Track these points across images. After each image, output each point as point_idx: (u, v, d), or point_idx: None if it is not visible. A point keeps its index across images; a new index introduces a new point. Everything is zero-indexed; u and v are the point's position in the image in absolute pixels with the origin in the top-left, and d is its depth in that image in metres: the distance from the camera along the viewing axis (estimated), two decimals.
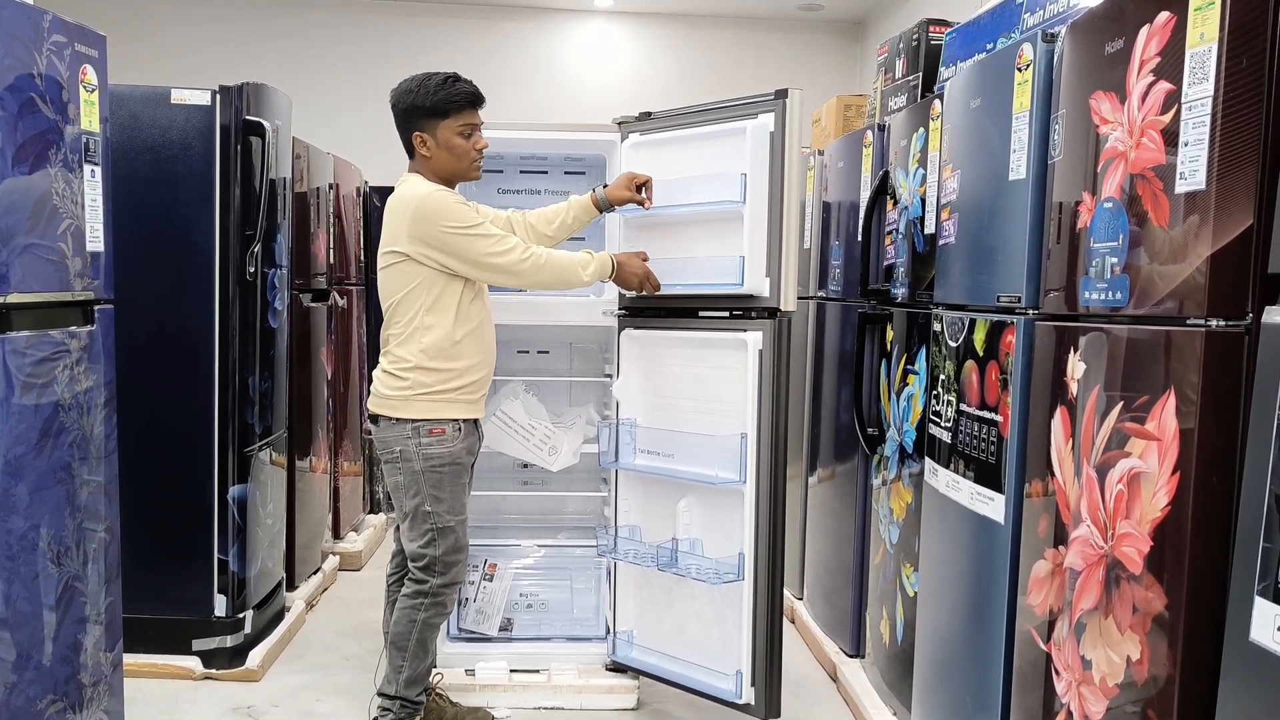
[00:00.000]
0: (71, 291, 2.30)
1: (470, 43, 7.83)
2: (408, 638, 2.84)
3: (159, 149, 3.31)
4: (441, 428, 2.79)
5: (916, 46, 3.43)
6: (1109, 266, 1.84)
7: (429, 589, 2.83)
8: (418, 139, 2.80)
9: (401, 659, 2.86)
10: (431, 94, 2.75)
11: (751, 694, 2.95)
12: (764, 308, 2.92)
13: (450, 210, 2.73)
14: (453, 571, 2.85)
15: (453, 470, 2.82)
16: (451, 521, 2.82)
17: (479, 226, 2.75)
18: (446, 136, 2.78)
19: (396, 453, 2.80)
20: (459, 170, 2.84)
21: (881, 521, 3.23)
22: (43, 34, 2.15)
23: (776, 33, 8.00)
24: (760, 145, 2.89)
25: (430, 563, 2.82)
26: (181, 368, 3.37)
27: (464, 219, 2.73)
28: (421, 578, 2.84)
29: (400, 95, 2.80)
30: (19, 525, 2.11)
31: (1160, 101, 1.70)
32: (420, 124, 2.78)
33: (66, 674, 2.30)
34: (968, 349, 2.44)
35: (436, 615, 2.86)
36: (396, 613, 2.88)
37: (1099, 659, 1.82)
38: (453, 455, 2.82)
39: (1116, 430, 1.78)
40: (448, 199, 2.75)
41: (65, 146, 2.24)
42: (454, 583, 2.87)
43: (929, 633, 2.72)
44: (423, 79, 2.78)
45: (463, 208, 2.77)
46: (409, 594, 2.86)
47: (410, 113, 2.79)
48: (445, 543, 2.81)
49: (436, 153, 2.80)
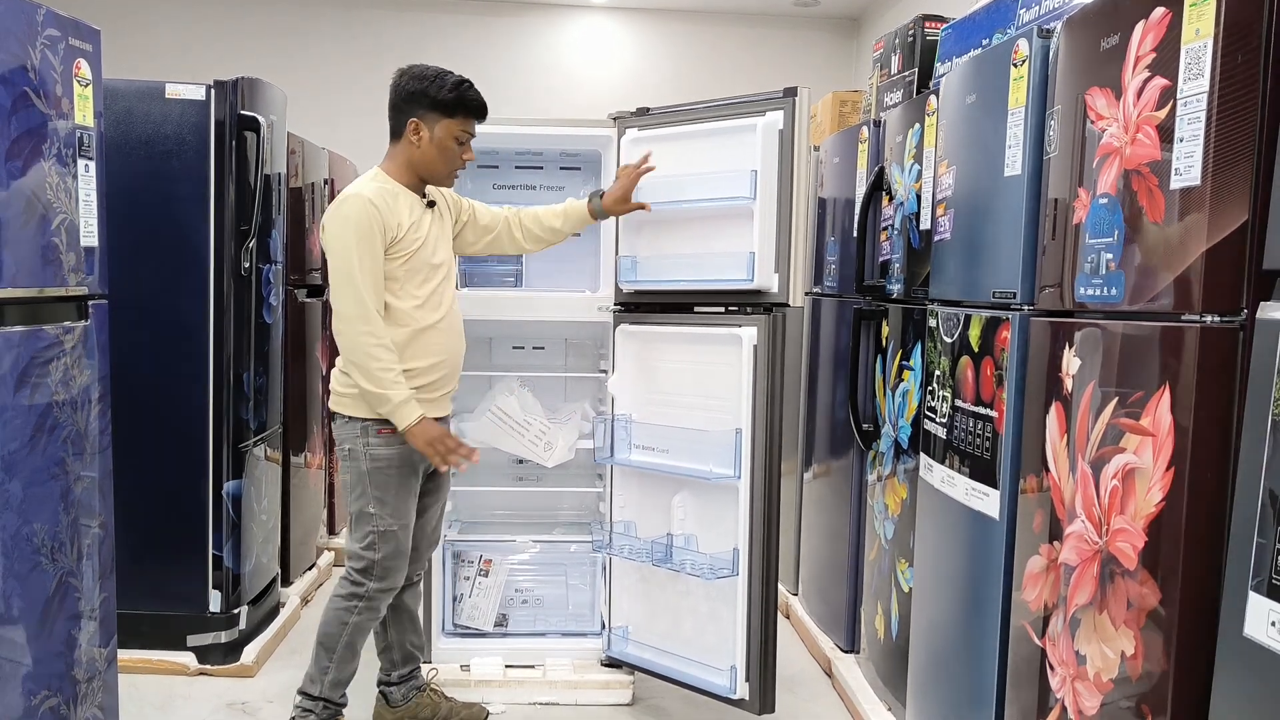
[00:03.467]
0: (65, 287, 2.29)
1: (466, 38, 7.81)
2: (337, 639, 2.76)
3: (153, 144, 3.30)
4: (390, 428, 2.70)
5: (912, 42, 3.43)
6: (1104, 262, 1.84)
7: (365, 592, 2.74)
8: (413, 125, 2.71)
9: (328, 660, 2.77)
10: (447, 89, 2.71)
11: (746, 689, 2.95)
12: (767, 303, 2.93)
13: (350, 231, 2.60)
14: (391, 577, 2.76)
15: (401, 473, 2.74)
16: (394, 526, 2.74)
17: (357, 269, 2.60)
18: (443, 135, 2.74)
19: (347, 451, 2.75)
20: (439, 172, 2.78)
21: (876, 517, 3.23)
22: (37, 28, 2.15)
23: (772, 28, 8.00)
24: (770, 142, 2.90)
25: (369, 566, 2.73)
26: (176, 363, 3.36)
27: (351, 252, 2.60)
28: (358, 580, 2.75)
29: (412, 79, 2.72)
30: (13, 521, 2.11)
31: (1155, 97, 1.70)
32: (422, 113, 2.71)
33: (61, 670, 2.30)
34: (963, 345, 2.44)
35: (369, 619, 2.79)
36: (327, 613, 2.78)
37: (1093, 654, 1.82)
38: (401, 457, 2.73)
39: (1111, 426, 1.79)
40: (365, 217, 2.61)
41: (59, 141, 2.23)
42: (391, 588, 2.78)
43: (924, 628, 2.72)
44: (440, 73, 2.73)
45: (368, 240, 2.61)
46: (343, 595, 2.76)
47: (417, 98, 2.71)
48: (386, 548, 2.73)
49: (427, 147, 2.73)
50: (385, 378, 2.62)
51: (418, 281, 2.73)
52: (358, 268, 2.61)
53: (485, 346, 3.61)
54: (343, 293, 2.63)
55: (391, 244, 2.67)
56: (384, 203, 2.65)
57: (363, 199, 2.64)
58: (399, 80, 2.74)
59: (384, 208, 2.64)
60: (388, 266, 2.67)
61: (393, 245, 2.67)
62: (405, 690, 3.02)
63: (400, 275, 2.70)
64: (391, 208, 2.67)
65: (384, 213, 2.64)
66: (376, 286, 2.64)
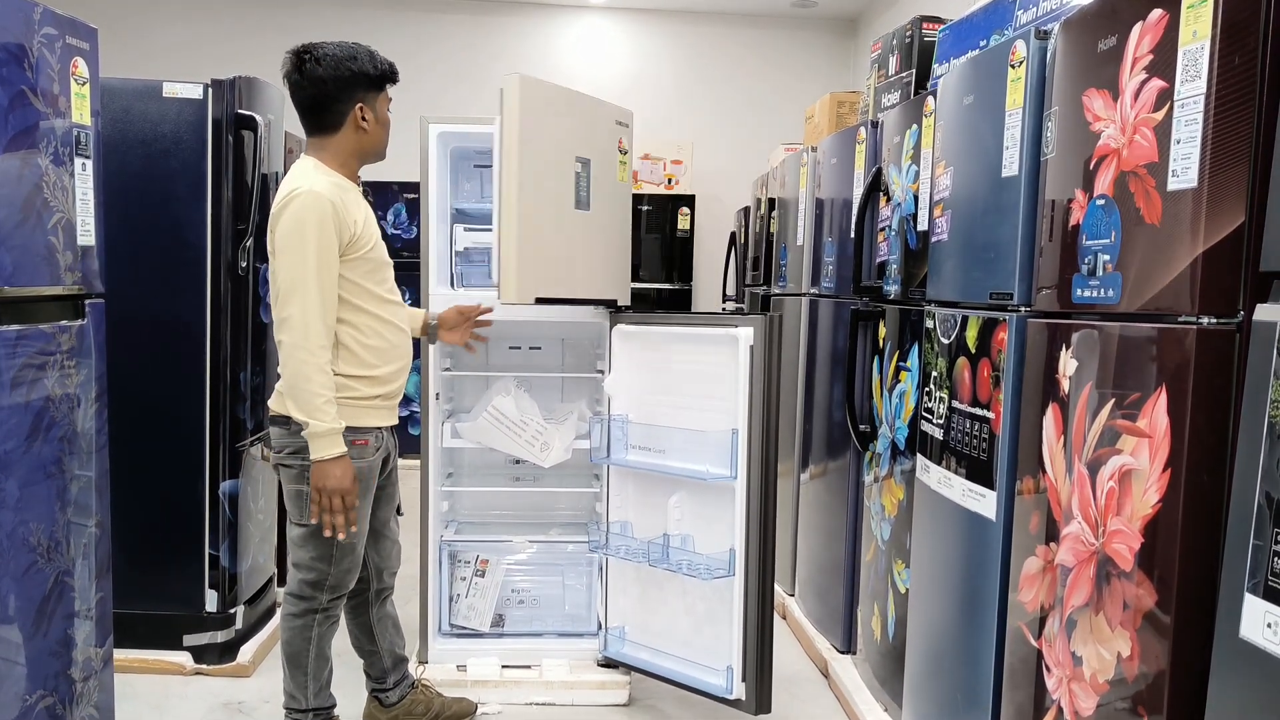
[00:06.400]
0: (62, 285, 2.29)
1: (463, 38, 7.82)
2: (306, 655, 2.66)
3: (151, 143, 3.30)
4: (365, 438, 2.59)
5: (910, 43, 3.43)
6: (1101, 264, 1.84)
7: (318, 605, 2.63)
8: (361, 110, 2.55)
9: (304, 675, 2.68)
10: (375, 63, 2.56)
11: (742, 689, 2.95)
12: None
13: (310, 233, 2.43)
14: (344, 586, 2.67)
15: (365, 485, 2.63)
16: (354, 540, 2.63)
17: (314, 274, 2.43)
18: (383, 110, 2.62)
19: (303, 460, 2.53)
20: (382, 148, 2.64)
21: (873, 518, 3.24)
22: (33, 26, 2.14)
23: (770, 29, 8.00)
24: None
25: (321, 579, 2.62)
26: (173, 362, 3.36)
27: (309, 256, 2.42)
28: (310, 594, 2.62)
29: (340, 62, 2.51)
30: (9, 520, 2.10)
31: (1153, 99, 1.70)
32: (363, 94, 2.55)
33: (56, 669, 2.30)
34: (960, 346, 2.44)
35: (330, 627, 2.69)
36: (287, 632, 2.66)
37: (1090, 655, 1.82)
38: (370, 469, 2.63)
39: (1108, 427, 1.79)
40: (324, 217, 2.45)
41: (56, 140, 2.23)
42: (344, 595, 2.69)
43: (920, 629, 2.72)
44: (352, 48, 2.54)
45: (328, 243, 2.45)
46: (297, 613, 2.64)
47: (354, 81, 2.53)
48: (342, 562, 2.63)
49: (374, 128, 2.59)
50: (316, 404, 2.44)
51: (376, 280, 2.60)
52: (314, 273, 2.43)
53: (481, 347, 3.61)
54: (292, 300, 2.43)
55: (350, 244, 2.51)
56: (340, 200, 2.50)
57: (319, 197, 2.44)
58: (317, 70, 2.51)
59: (341, 206, 2.49)
60: (349, 270, 2.53)
61: (350, 245, 2.52)
62: (400, 691, 3.01)
63: (360, 278, 2.56)
64: (347, 205, 2.52)
65: (340, 211, 2.49)
66: (330, 298, 2.47)
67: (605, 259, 3.26)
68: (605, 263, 3.26)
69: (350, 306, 2.56)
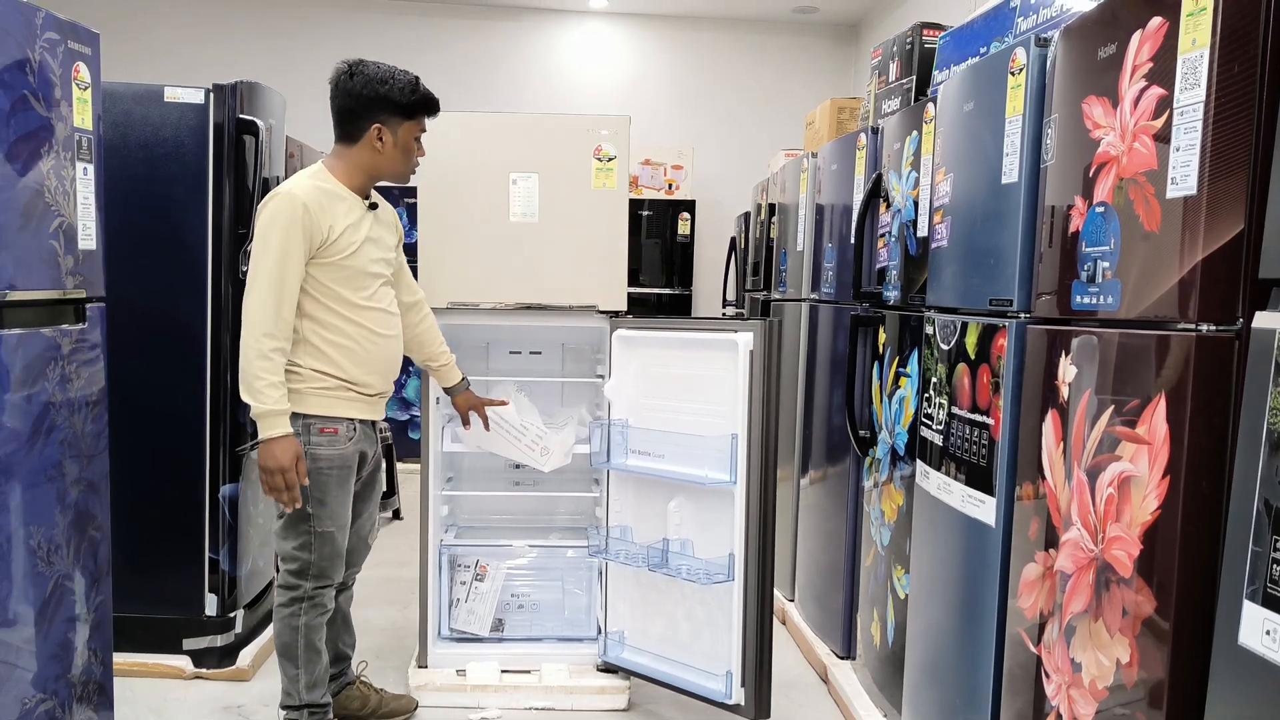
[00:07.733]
0: (63, 289, 2.29)
1: (464, 43, 7.83)
2: (295, 646, 2.73)
3: (152, 147, 3.30)
4: (335, 427, 2.67)
5: (910, 50, 3.43)
6: (1100, 270, 1.85)
7: (303, 593, 2.71)
8: (376, 130, 2.68)
9: (295, 667, 2.74)
10: (407, 92, 2.69)
11: (742, 695, 2.95)
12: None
13: (276, 230, 2.54)
14: (328, 575, 2.74)
15: (341, 474, 2.69)
16: (332, 528, 2.69)
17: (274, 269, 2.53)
18: (405, 137, 2.72)
19: None
20: (401, 172, 2.76)
21: (873, 523, 3.24)
22: (36, 31, 2.15)
23: (771, 35, 8.01)
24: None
25: (304, 567, 2.70)
26: (173, 366, 3.36)
27: (270, 251, 2.53)
28: (294, 583, 2.71)
29: (369, 82, 2.66)
30: (9, 523, 2.11)
31: (1152, 106, 1.70)
32: (385, 117, 2.68)
33: (56, 673, 2.30)
34: (959, 352, 2.45)
35: (318, 616, 2.75)
36: (277, 624, 2.75)
37: (1089, 662, 1.83)
38: (343, 458, 2.69)
39: (1107, 434, 1.79)
40: (292, 218, 2.54)
41: (58, 144, 2.23)
42: (330, 583, 2.75)
43: (920, 635, 2.72)
44: (392, 72, 2.69)
45: (292, 243, 2.55)
46: (284, 603, 2.73)
47: (378, 102, 2.67)
48: (323, 550, 2.70)
49: (390, 151, 2.71)
50: (257, 386, 2.53)
51: (354, 287, 2.67)
52: (273, 267, 2.53)
53: (482, 351, 3.61)
54: (251, 290, 2.55)
55: (321, 247, 2.59)
56: (317, 204, 2.58)
57: (294, 199, 2.56)
58: (350, 84, 2.67)
59: (316, 209, 2.57)
60: (320, 272, 2.61)
61: (323, 249, 2.59)
62: (335, 686, 3.01)
63: (333, 282, 2.63)
64: (325, 209, 2.60)
65: (315, 214, 2.57)
66: (288, 291, 2.56)
67: (576, 265, 3.30)
68: (576, 269, 3.30)
69: (319, 304, 2.64)
